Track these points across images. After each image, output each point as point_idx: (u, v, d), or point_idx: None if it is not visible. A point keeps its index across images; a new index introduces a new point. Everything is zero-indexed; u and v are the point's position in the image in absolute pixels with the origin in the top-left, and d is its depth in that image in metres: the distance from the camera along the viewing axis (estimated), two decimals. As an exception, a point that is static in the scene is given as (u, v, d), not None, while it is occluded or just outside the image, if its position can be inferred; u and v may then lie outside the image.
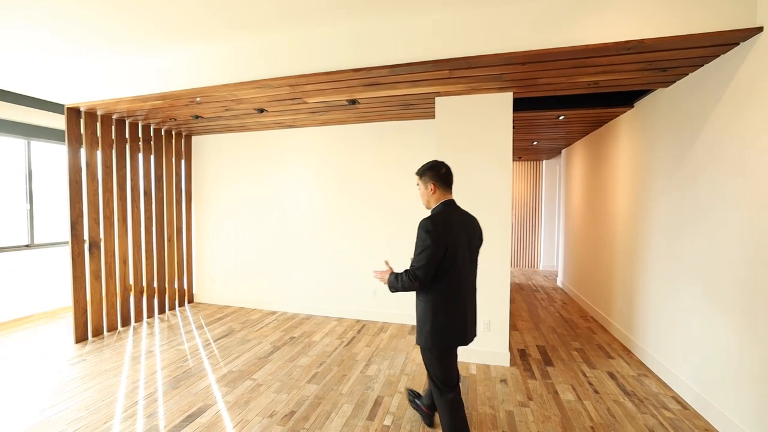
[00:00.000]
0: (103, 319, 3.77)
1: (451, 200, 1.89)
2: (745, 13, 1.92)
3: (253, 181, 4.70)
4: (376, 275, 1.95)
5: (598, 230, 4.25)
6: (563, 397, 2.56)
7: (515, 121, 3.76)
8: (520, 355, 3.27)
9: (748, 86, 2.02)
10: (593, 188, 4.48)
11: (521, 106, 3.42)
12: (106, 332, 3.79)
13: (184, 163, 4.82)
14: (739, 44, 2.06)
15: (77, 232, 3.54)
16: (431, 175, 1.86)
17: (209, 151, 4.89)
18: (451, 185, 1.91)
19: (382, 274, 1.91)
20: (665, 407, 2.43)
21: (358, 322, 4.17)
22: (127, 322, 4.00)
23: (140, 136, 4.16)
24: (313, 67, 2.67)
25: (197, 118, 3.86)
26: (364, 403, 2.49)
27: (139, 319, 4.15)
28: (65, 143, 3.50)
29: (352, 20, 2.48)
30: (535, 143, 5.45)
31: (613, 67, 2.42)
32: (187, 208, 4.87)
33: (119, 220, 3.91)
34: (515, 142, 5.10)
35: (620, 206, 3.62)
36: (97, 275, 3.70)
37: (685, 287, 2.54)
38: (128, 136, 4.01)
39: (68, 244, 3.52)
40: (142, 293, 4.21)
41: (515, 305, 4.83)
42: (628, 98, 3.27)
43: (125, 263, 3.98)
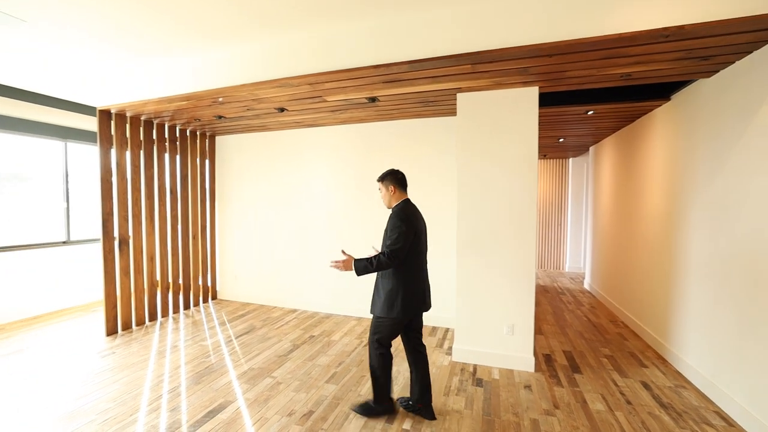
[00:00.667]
0: (131, 313, 3.91)
1: (408, 198, 2.32)
2: (802, -8, 1.74)
3: (273, 180, 4.76)
4: (333, 265, 2.14)
5: (629, 231, 4.03)
6: (593, 407, 2.42)
7: (541, 117, 3.61)
8: (545, 360, 3.14)
9: (805, 73, 1.84)
10: (624, 187, 4.26)
11: (547, 101, 3.28)
12: (134, 326, 3.93)
13: (208, 162, 4.93)
14: (794, 28, 1.88)
15: (108, 229, 3.68)
16: (391, 179, 2.28)
17: (232, 150, 4.98)
18: (406, 187, 2.34)
19: (342, 263, 2.12)
20: (707, 423, 2.25)
21: (377, 322, 4.14)
22: (154, 317, 4.13)
23: (166, 136, 4.29)
24: (332, 64, 2.65)
25: (220, 118, 3.93)
26: (382, 405, 2.44)
27: (165, 314, 4.28)
28: (97, 144, 3.64)
29: (371, 15, 2.44)
30: (561, 140, 5.24)
31: (648, 57, 2.26)
32: (210, 206, 4.99)
33: (147, 218, 4.04)
34: (541, 139, 4.92)
35: (655, 205, 3.41)
36: (126, 271, 3.84)
37: (730, 293, 2.35)
38: (155, 136, 4.14)
39: (100, 240, 3.66)
40: (167, 289, 4.34)
41: (540, 308, 4.66)
42: (664, 90, 3.07)
43: (152, 260, 4.11)
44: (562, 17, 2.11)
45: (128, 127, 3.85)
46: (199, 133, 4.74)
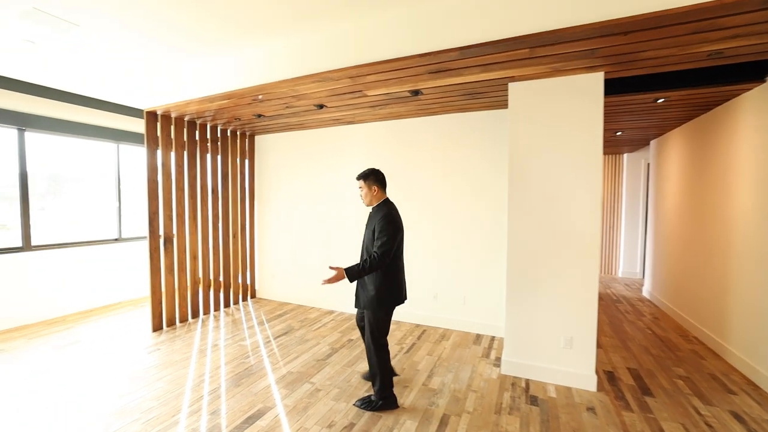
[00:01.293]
0: (175, 310, 3.99)
1: (387, 198, 2.46)
2: None
3: (311, 179, 4.70)
4: (325, 282, 2.18)
5: (705, 234, 3.56)
6: (673, 438, 2.10)
7: (601, 107, 3.26)
8: (608, 378, 2.81)
9: None
10: (698, 184, 3.77)
11: (608, 89, 2.92)
12: (178, 323, 4.01)
13: (247, 162, 4.97)
14: None
15: (154, 228, 3.77)
16: (374, 179, 2.40)
17: (270, 150, 4.99)
18: (386, 186, 2.47)
19: (333, 277, 2.19)
20: (825, 468, 1.87)
21: (417, 327, 3.95)
22: (196, 314, 4.20)
23: (208, 137, 4.35)
24: (375, 55, 2.49)
25: (259, 117, 3.92)
26: (428, 421, 2.26)
27: (206, 311, 4.35)
28: (144, 145, 3.74)
29: (416, 0, 2.26)
30: (618, 133, 4.78)
31: (749, 28, 1.90)
32: (250, 205, 5.03)
33: (190, 217, 4.11)
34: (595, 132, 4.50)
35: (742, 206, 2.96)
36: (170, 269, 3.92)
37: None
38: (198, 137, 4.20)
39: (147, 238, 3.77)
40: (209, 287, 4.41)
41: (594, 317, 4.26)
42: (758, 71, 2.63)
43: (195, 258, 4.18)
44: (643, -14, 1.81)
45: (173, 128, 3.93)
46: (239, 132, 4.78)
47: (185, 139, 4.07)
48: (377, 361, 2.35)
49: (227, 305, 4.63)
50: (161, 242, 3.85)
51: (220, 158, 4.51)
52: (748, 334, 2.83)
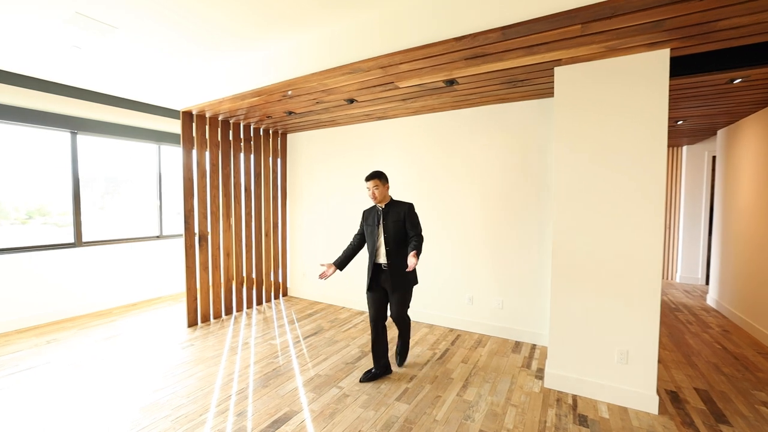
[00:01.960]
0: (210, 306, 4.06)
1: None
2: None
3: (342, 176, 4.62)
4: (413, 265, 2.37)
5: (790, 236, 3.06)
6: (760, 478, 1.77)
7: (662, 91, 2.88)
8: (671, 399, 2.47)
9: None
10: (780, 178, 3.26)
11: (672, 70, 2.56)
12: (212, 319, 4.08)
13: (280, 160, 4.99)
14: None
15: (189, 225, 3.85)
16: (386, 178, 2.72)
17: (302, 148, 4.97)
18: None
19: (415, 261, 2.39)
20: None
21: (451, 331, 3.75)
22: (229, 311, 4.26)
23: (242, 136, 4.39)
24: (406, 42, 2.33)
25: (290, 114, 3.88)
26: (463, 437, 2.08)
27: (239, 308, 4.40)
28: (180, 145, 3.82)
29: (453, -22, 2.08)
30: (679, 122, 4.28)
31: None
32: (282, 204, 5.05)
33: (223, 215, 4.17)
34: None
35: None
36: (205, 266, 4.00)
37: None
38: (231, 136, 4.25)
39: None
40: (242, 285, 4.46)
41: (651, 328, 3.83)
42: None
43: (228, 256, 4.24)
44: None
45: (207, 127, 4.00)
46: (271, 131, 4.80)
47: (219, 138, 4.13)
48: (409, 329, 2.93)
49: (259, 303, 4.66)
50: (196, 240, 3.93)
51: (253, 157, 4.55)
52: None
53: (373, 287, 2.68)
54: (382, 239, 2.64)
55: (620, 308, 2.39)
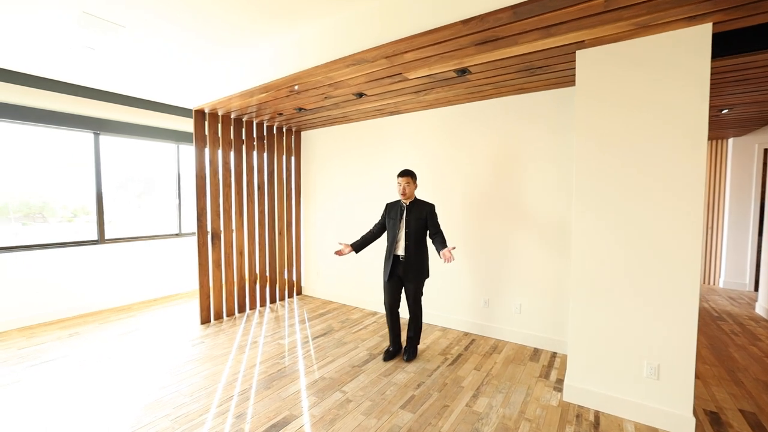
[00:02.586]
0: (222, 304, 4.08)
1: None
2: None
3: (357, 174, 4.52)
4: (451, 258, 2.61)
5: None
6: None
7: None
8: (711, 421, 2.19)
9: None
10: None
11: (713, 49, 2.27)
12: (225, 317, 4.10)
13: (293, 159, 4.96)
14: None
15: (202, 223, 3.87)
16: (416, 177, 2.91)
17: (315, 145, 4.92)
18: None
19: (451, 255, 2.61)
20: None
21: (465, 335, 3.57)
22: (242, 309, 4.27)
23: (254, 134, 4.38)
24: (410, 28, 2.19)
25: (300, 110, 3.82)
26: (469, 453, 1.92)
27: (252, 306, 4.40)
28: (193, 144, 3.85)
29: (460, -45, 1.91)
30: (724, 111, 3.87)
31: None
32: (296, 202, 5.02)
33: (236, 213, 4.17)
34: (692, 111, 3.68)
35: None
36: (218, 264, 4.01)
37: None
38: (244, 135, 4.25)
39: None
40: (255, 283, 4.46)
41: (689, 337, 3.48)
42: None
43: (241, 254, 4.24)
44: None
45: (220, 126, 4.01)
46: (284, 129, 4.78)
47: (232, 136, 4.13)
48: (422, 316, 3.00)
49: (273, 301, 4.65)
50: (209, 238, 3.95)
51: (266, 155, 4.54)
52: None
53: (390, 278, 2.92)
54: (403, 233, 2.86)
55: (650, 318, 2.15)
